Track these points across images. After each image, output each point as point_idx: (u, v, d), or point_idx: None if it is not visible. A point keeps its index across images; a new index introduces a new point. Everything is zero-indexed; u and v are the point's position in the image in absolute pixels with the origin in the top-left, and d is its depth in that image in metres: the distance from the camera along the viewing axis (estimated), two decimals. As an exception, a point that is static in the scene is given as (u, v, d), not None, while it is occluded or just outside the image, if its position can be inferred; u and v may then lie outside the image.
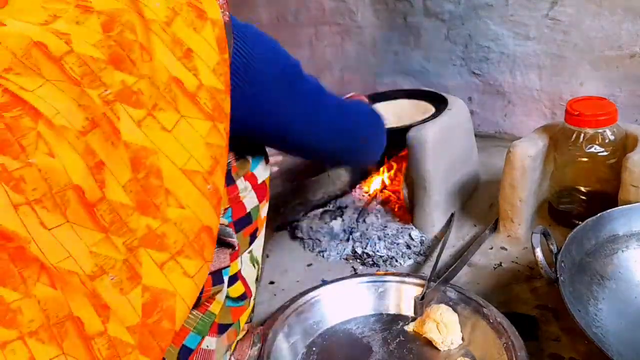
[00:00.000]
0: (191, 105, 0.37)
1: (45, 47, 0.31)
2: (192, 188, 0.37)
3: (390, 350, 0.59)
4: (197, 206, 0.37)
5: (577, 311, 0.53)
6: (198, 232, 0.37)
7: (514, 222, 0.80)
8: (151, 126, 0.35)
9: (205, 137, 0.38)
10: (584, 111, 0.73)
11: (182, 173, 0.36)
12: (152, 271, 0.34)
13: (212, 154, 0.38)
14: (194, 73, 0.37)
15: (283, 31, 1.51)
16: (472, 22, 1.14)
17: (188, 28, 0.38)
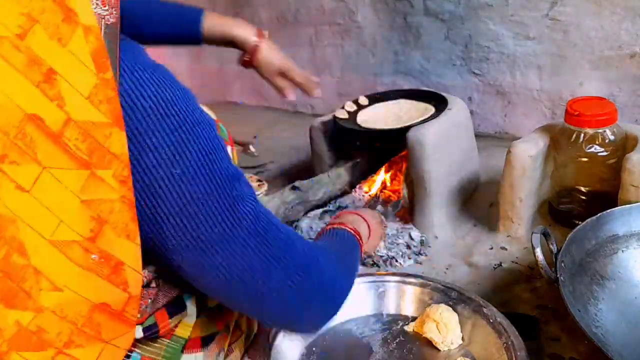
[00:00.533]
0: (56, 151, 0.28)
1: None
2: (68, 263, 0.29)
3: (390, 350, 0.59)
4: (79, 284, 0.29)
5: (577, 311, 0.53)
6: (88, 314, 0.30)
7: (514, 222, 0.80)
8: (2, 185, 0.27)
9: (79, 193, 0.29)
10: (583, 111, 0.73)
11: (51, 245, 0.28)
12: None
13: (92, 214, 0.29)
14: (58, 104, 0.28)
15: (283, 31, 1.51)
16: (472, 22, 1.14)
17: (51, 40, 0.27)
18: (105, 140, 0.29)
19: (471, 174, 0.94)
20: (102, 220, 0.30)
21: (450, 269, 0.78)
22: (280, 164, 1.25)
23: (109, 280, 0.31)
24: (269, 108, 1.65)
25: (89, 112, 0.29)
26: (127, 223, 0.31)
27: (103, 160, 0.30)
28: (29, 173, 0.27)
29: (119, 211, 0.31)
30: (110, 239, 0.31)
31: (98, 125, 0.29)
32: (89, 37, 0.29)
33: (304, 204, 0.92)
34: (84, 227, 0.29)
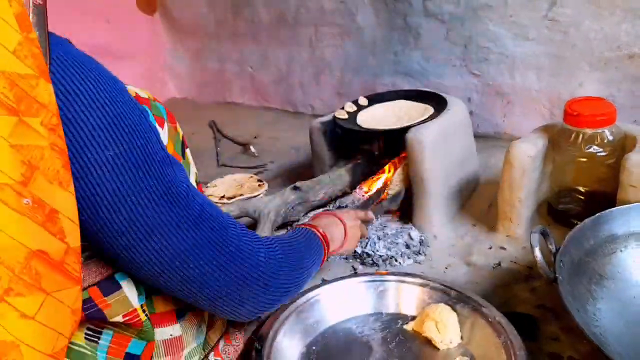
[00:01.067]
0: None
1: None
2: (2, 206, 0.29)
3: (389, 349, 0.59)
4: (15, 229, 0.30)
5: (576, 310, 0.53)
6: (25, 261, 0.30)
7: (513, 222, 0.81)
8: None
9: (8, 137, 0.30)
10: (582, 111, 0.73)
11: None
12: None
13: (22, 158, 0.30)
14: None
15: (283, 32, 1.51)
16: (472, 22, 1.14)
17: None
18: (32, 90, 0.31)
19: (470, 174, 0.95)
20: (32, 165, 0.31)
21: (450, 269, 0.79)
22: (280, 164, 1.25)
23: (45, 228, 0.31)
24: (269, 108, 1.65)
25: (15, 64, 0.30)
26: (59, 170, 0.32)
27: (31, 109, 0.31)
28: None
29: (49, 157, 0.31)
30: (42, 184, 0.31)
31: (24, 76, 0.31)
32: (12, 2, 0.31)
33: (304, 204, 0.92)
34: (15, 171, 0.30)
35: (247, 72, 1.68)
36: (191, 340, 0.47)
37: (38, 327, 0.30)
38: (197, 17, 1.70)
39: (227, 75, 1.73)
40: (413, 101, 0.99)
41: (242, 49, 1.64)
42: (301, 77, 1.53)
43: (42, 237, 0.31)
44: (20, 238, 0.30)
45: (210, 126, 1.53)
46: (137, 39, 1.74)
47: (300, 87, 1.55)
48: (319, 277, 0.78)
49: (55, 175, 0.32)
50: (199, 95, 1.84)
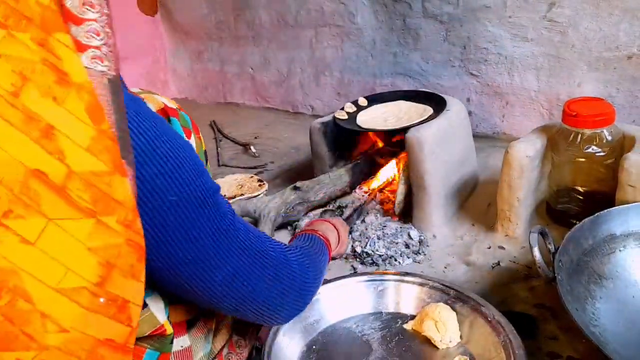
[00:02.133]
0: (61, 203, 0.29)
1: None
2: (76, 308, 0.29)
3: (389, 348, 0.59)
4: (86, 325, 0.30)
5: (575, 310, 0.53)
6: (92, 348, 0.31)
7: (512, 222, 0.81)
8: (5, 240, 0.27)
9: (85, 241, 0.30)
10: (581, 112, 0.73)
11: (57, 293, 0.29)
12: None
13: (99, 260, 0.30)
14: (58, 157, 0.29)
15: (283, 33, 1.52)
16: (471, 23, 1.15)
17: (44, 98, 0.29)
18: (108, 188, 0.31)
19: (469, 174, 0.95)
20: (110, 265, 0.31)
21: (449, 268, 0.79)
22: (280, 164, 1.26)
23: (115, 319, 0.32)
24: (269, 109, 1.66)
25: (90, 162, 0.30)
26: (134, 264, 0.33)
27: (107, 207, 0.31)
28: (34, 226, 0.28)
29: (125, 254, 0.32)
30: (118, 281, 0.32)
31: (99, 174, 0.30)
32: (82, 94, 0.30)
33: (304, 204, 0.93)
34: (92, 274, 0.30)
35: (247, 72, 1.68)
36: (199, 350, 0.48)
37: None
38: (198, 18, 1.71)
39: (228, 76, 1.74)
40: (412, 102, 0.99)
41: (243, 50, 1.65)
42: (301, 78, 1.54)
43: (111, 327, 0.32)
44: (91, 332, 0.31)
45: (210, 126, 1.53)
46: (139, 40, 1.75)
47: (300, 88, 1.55)
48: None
49: (129, 270, 0.32)
50: (200, 96, 1.84)
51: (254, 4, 1.54)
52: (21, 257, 0.28)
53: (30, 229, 0.28)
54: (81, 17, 0.31)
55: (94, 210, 0.30)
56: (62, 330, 0.29)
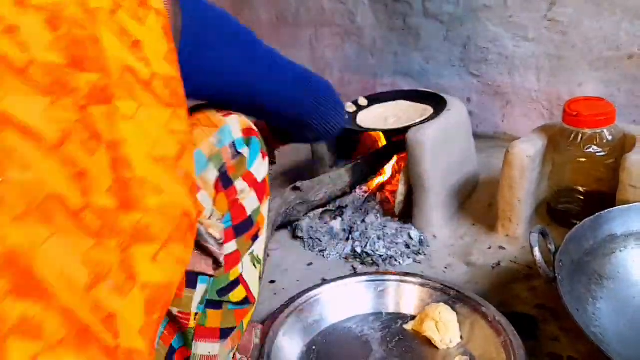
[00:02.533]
0: (147, 94, 0.36)
1: (5, 59, 0.29)
2: (164, 174, 0.36)
3: (389, 348, 0.59)
4: (173, 192, 0.36)
5: (576, 310, 0.53)
6: (180, 217, 0.37)
7: (512, 222, 0.81)
8: (115, 116, 0.34)
9: (166, 125, 0.37)
10: (582, 112, 0.73)
11: (151, 160, 0.35)
12: (147, 267, 0.33)
13: (177, 140, 0.38)
14: (145, 63, 0.36)
15: (283, 32, 1.51)
16: (471, 23, 1.14)
17: (132, 19, 0.36)
18: (178, 89, 0.39)
19: (470, 174, 0.95)
20: (183, 146, 0.38)
21: (449, 269, 0.79)
22: (280, 164, 1.25)
23: (189, 195, 0.38)
24: (269, 109, 1.65)
25: (167, 68, 0.38)
26: (192, 150, 0.41)
27: (179, 102, 0.39)
28: (130, 105, 0.35)
29: (189, 141, 0.39)
30: (188, 161, 0.39)
31: (173, 78, 0.39)
32: (159, 17, 0.38)
33: (304, 204, 0.92)
34: (172, 149, 0.37)
35: (247, 72, 1.67)
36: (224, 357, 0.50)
37: (183, 272, 0.36)
38: (197, 17, 1.70)
39: (227, 76, 1.73)
40: (413, 101, 0.99)
41: (242, 49, 1.64)
42: (301, 78, 1.53)
43: (189, 202, 0.38)
44: (177, 199, 0.37)
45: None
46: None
47: (300, 88, 1.55)
48: (319, 276, 0.78)
49: (192, 154, 0.40)
50: (199, 96, 1.84)
51: (254, 2, 1.53)
52: (125, 129, 0.34)
53: (128, 108, 0.35)
54: None
55: (172, 103, 0.38)
56: (157, 192, 0.35)
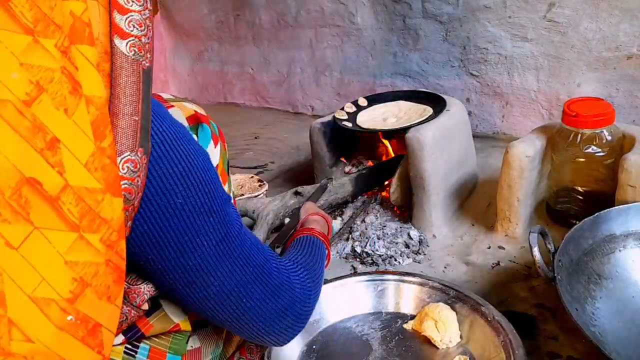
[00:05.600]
0: (50, 213, 0.29)
1: None
2: (44, 320, 0.29)
3: (389, 348, 0.59)
4: (52, 342, 0.30)
5: (575, 310, 0.53)
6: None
7: (511, 222, 0.81)
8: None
9: (64, 254, 0.30)
10: (581, 112, 0.74)
11: (30, 301, 0.29)
12: None
13: (74, 275, 0.30)
14: (58, 170, 0.29)
15: (283, 33, 1.52)
16: (470, 24, 1.15)
17: (57, 110, 0.29)
18: (97, 206, 0.31)
19: (469, 174, 0.95)
20: (84, 282, 0.31)
21: (449, 268, 0.79)
22: (280, 164, 1.26)
23: (84, 342, 0.31)
24: (269, 109, 1.66)
25: (85, 178, 0.30)
26: (110, 285, 0.32)
27: (92, 225, 0.31)
28: (19, 231, 0.29)
29: (102, 274, 0.32)
30: (90, 301, 0.31)
31: (91, 190, 0.31)
32: (90, 107, 0.31)
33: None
34: (64, 288, 0.30)
35: (247, 73, 1.68)
36: (208, 353, 0.48)
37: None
38: (198, 18, 1.71)
39: (228, 77, 1.74)
40: (412, 102, 0.99)
41: (243, 50, 1.65)
42: (301, 78, 1.54)
43: (80, 351, 0.31)
44: (57, 350, 0.30)
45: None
46: (138, 40, 1.75)
47: (300, 88, 1.56)
48: (319, 276, 0.78)
49: (105, 291, 0.32)
50: (200, 96, 1.84)
51: (254, 4, 1.54)
52: (4, 259, 0.28)
53: (15, 234, 0.28)
54: (126, 8, 0.33)
55: (79, 226, 0.30)
56: (27, 340, 0.29)
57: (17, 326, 0.29)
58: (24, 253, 0.29)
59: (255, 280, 0.42)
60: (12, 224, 0.28)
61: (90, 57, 0.31)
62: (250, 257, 0.42)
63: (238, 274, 0.41)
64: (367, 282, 0.67)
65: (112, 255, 0.32)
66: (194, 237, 0.37)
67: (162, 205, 0.36)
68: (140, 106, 0.33)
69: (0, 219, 0.28)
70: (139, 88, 0.33)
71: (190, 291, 0.40)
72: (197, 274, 0.39)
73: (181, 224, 0.37)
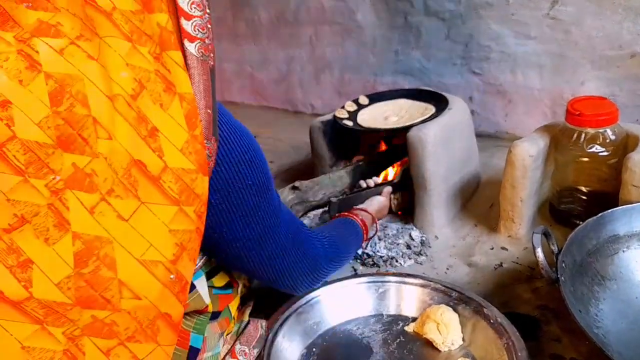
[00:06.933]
0: (154, 190, 0.34)
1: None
2: (152, 279, 0.34)
3: (390, 350, 0.59)
4: (157, 296, 0.35)
5: (578, 311, 0.53)
6: (153, 319, 0.35)
7: (514, 222, 0.80)
8: (106, 214, 0.32)
9: (168, 224, 0.35)
10: (584, 111, 0.73)
11: (139, 264, 0.34)
12: (97, 358, 0.33)
13: (176, 241, 0.36)
14: (158, 154, 0.35)
15: (283, 31, 1.51)
16: (473, 21, 1.14)
17: (154, 105, 0.35)
18: (192, 183, 0.37)
19: (472, 174, 0.94)
20: (183, 247, 0.36)
21: (451, 269, 0.78)
22: (280, 163, 1.25)
23: (177, 297, 0.37)
24: (269, 107, 1.65)
25: (181, 161, 0.36)
26: (196, 249, 0.38)
27: (189, 199, 0.37)
28: (129, 206, 0.33)
29: (193, 239, 0.37)
30: (185, 262, 0.37)
31: (187, 171, 0.36)
32: (183, 103, 0.36)
33: (303, 204, 0.92)
34: (169, 251, 0.35)
35: (246, 71, 1.67)
36: (212, 347, 0.50)
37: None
38: (196, 16, 1.70)
39: (227, 75, 1.73)
40: (414, 100, 0.99)
41: (242, 48, 1.64)
42: (301, 76, 1.53)
43: (173, 304, 0.37)
44: (158, 303, 0.35)
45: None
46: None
47: (300, 87, 1.55)
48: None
49: (194, 253, 0.38)
50: (199, 95, 1.84)
51: (253, 1, 1.53)
52: (116, 229, 0.33)
53: (125, 208, 0.33)
54: (190, 14, 0.38)
55: (179, 200, 0.36)
56: (135, 297, 0.34)
57: (127, 286, 0.33)
58: (134, 224, 0.33)
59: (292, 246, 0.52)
60: (123, 200, 0.33)
61: (179, 60, 0.37)
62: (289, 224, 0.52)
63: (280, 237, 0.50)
64: (368, 283, 0.66)
65: (200, 224, 0.38)
66: (258, 210, 0.46)
67: (237, 187, 0.43)
68: (211, 101, 0.39)
69: (113, 195, 0.32)
70: (209, 85, 0.39)
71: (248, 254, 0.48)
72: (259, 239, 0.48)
73: (252, 200, 0.45)
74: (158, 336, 0.36)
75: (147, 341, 0.35)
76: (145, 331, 0.35)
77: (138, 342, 0.35)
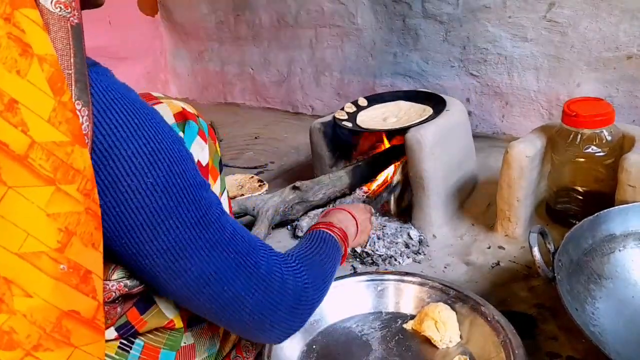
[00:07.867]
0: (21, 171, 0.30)
1: None
2: (38, 273, 0.30)
3: (389, 348, 0.59)
4: (51, 293, 0.31)
5: (575, 310, 0.53)
6: (57, 320, 0.31)
7: (511, 222, 0.81)
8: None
9: (45, 208, 0.31)
10: (581, 112, 0.74)
11: (19, 258, 0.30)
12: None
13: (59, 226, 0.31)
14: (22, 129, 0.30)
15: (283, 33, 1.52)
16: (470, 24, 1.15)
17: (9, 72, 0.30)
18: (68, 157, 0.32)
19: (469, 174, 0.95)
20: (70, 231, 0.32)
21: (449, 268, 0.79)
22: (280, 164, 1.26)
23: (79, 290, 0.32)
24: (269, 109, 1.66)
25: (51, 133, 0.31)
26: (92, 232, 0.33)
27: (67, 176, 0.32)
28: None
29: (85, 222, 0.32)
30: (78, 249, 0.32)
31: (60, 144, 0.31)
32: (44, 65, 0.31)
33: (303, 204, 0.93)
34: (51, 239, 0.31)
35: (247, 73, 1.68)
36: (203, 350, 0.48)
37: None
38: (198, 18, 1.71)
39: (228, 77, 1.74)
40: (412, 102, 0.99)
41: (243, 50, 1.65)
42: (301, 78, 1.54)
43: (76, 298, 0.32)
44: (54, 301, 0.31)
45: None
46: (139, 40, 1.75)
47: (300, 88, 1.56)
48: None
49: (89, 238, 0.33)
50: (200, 96, 1.85)
51: (254, 4, 1.54)
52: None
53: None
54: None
55: (54, 179, 0.31)
56: (26, 295, 0.30)
57: (15, 283, 0.30)
58: (3, 213, 0.29)
59: (236, 268, 0.40)
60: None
61: (36, 18, 0.31)
62: (231, 244, 0.40)
63: (216, 260, 0.39)
64: (367, 282, 0.67)
65: (90, 203, 0.33)
66: (166, 219, 0.37)
67: (134, 186, 0.35)
68: (73, 60, 0.33)
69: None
70: (69, 43, 0.33)
71: (169, 277, 0.38)
72: (173, 258, 0.37)
73: (153, 204, 0.36)
74: (71, 338, 0.32)
75: (60, 347, 0.32)
76: (52, 336, 0.31)
77: (49, 350, 0.31)
